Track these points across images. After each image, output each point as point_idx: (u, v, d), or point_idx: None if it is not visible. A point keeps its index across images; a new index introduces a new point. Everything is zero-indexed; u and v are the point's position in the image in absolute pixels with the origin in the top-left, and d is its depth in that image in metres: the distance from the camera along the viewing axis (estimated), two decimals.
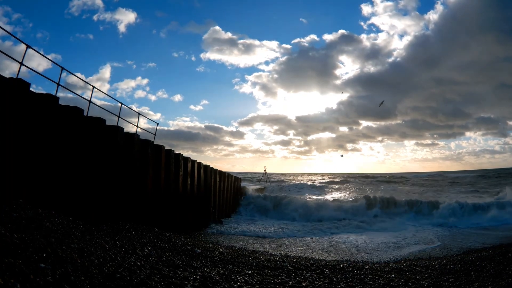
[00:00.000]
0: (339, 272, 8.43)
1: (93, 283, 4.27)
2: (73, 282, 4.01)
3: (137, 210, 12.11)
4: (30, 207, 7.16)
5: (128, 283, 4.74)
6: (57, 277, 3.96)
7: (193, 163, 17.10)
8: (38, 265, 4.09)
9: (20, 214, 6.24)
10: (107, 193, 10.78)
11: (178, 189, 15.30)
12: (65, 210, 8.54)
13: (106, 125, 11.19)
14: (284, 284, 6.88)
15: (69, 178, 9.49)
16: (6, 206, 6.54)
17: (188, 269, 6.82)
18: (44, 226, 6.10)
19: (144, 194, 12.76)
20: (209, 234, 16.98)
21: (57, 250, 4.89)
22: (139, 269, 5.75)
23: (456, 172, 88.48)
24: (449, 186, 46.55)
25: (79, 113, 10.12)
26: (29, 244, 4.67)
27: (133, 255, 6.91)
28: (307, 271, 8.33)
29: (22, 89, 8.37)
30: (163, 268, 6.35)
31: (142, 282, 4.95)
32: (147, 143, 13.17)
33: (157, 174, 13.62)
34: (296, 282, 7.10)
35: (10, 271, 3.64)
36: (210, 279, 6.28)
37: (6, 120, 7.88)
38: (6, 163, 7.82)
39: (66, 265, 4.45)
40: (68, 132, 9.59)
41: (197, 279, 6.08)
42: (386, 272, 8.33)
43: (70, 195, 9.38)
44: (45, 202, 8.14)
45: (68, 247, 5.31)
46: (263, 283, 6.71)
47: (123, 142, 11.81)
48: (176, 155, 15.18)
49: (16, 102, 8.14)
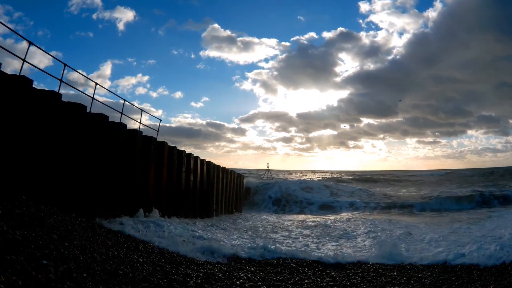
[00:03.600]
0: (341, 269, 8.41)
1: (95, 280, 4.28)
2: (75, 279, 4.01)
3: (140, 207, 12.12)
4: (33, 204, 7.18)
5: (130, 279, 4.75)
6: (59, 274, 3.96)
7: (196, 159, 17.08)
8: (40, 262, 4.09)
9: (23, 211, 6.26)
10: (109, 190, 10.80)
11: (181, 186, 15.31)
12: (67, 207, 8.56)
13: (109, 121, 11.19)
14: (286, 281, 6.87)
15: (72, 174, 9.50)
16: (8, 203, 6.56)
17: (190, 266, 6.83)
18: (47, 222, 6.11)
19: (146, 190, 12.77)
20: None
21: (59, 247, 4.90)
22: (141, 266, 5.76)
23: (465, 170, 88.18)
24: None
25: (82, 109, 10.12)
26: (31, 241, 4.68)
27: (135, 251, 6.92)
28: (310, 268, 8.32)
29: (25, 86, 8.37)
30: (166, 265, 6.36)
31: (144, 279, 4.95)
32: (150, 139, 13.16)
33: (159, 171, 13.62)
34: (298, 280, 7.09)
35: (12, 268, 3.64)
36: (213, 275, 6.28)
37: (9, 116, 7.89)
38: (9, 160, 7.84)
39: (69, 262, 4.45)
40: (71, 129, 9.60)
41: (199, 275, 6.08)
42: (388, 270, 8.30)
43: (73, 191, 9.40)
44: (47, 198, 8.15)
45: (71, 244, 5.32)
46: (265, 280, 6.71)
47: (126, 138, 11.80)
48: (179, 152, 15.16)
49: (19, 98, 8.14)
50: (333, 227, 16.59)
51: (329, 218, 21.08)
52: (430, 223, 17.26)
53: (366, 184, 50.36)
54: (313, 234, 14.54)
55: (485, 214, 20.47)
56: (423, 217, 21.66)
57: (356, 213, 24.08)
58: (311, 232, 14.94)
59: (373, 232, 14.21)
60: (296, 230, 15.75)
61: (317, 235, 14.27)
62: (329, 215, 23.84)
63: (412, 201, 28.73)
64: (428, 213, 24.45)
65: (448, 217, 20.86)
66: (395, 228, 14.88)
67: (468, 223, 16.16)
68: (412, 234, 13.12)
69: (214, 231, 13.00)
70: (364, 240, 12.83)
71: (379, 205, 27.90)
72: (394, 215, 22.73)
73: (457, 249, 9.65)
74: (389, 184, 52.69)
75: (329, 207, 28.28)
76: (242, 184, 27.30)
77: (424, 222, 17.81)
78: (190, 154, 16.41)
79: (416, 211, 25.72)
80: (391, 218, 19.84)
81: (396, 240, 12.02)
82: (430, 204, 27.42)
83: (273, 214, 24.42)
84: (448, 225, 15.61)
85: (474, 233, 12.05)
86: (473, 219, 18.37)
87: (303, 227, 16.58)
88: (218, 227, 14.73)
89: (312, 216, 23.31)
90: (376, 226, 15.69)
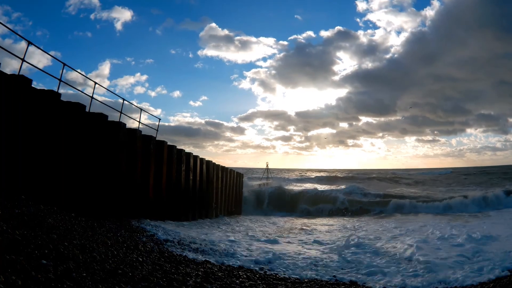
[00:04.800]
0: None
1: (94, 279, 4.27)
2: (74, 278, 4.01)
3: (139, 206, 12.12)
4: (32, 204, 7.17)
5: (130, 279, 4.74)
6: (59, 274, 3.96)
7: (195, 158, 17.07)
8: (40, 261, 4.09)
9: (22, 211, 6.26)
10: (109, 189, 10.79)
11: (181, 185, 15.31)
12: (67, 206, 8.56)
13: (108, 121, 11.18)
14: (286, 280, 6.89)
15: (72, 174, 9.50)
16: (8, 203, 6.55)
17: (190, 265, 6.83)
18: (46, 222, 6.11)
19: (146, 190, 12.77)
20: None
21: (59, 246, 4.90)
22: (141, 265, 5.75)
23: (467, 169, 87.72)
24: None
25: (81, 109, 10.11)
26: (31, 240, 4.68)
27: (135, 251, 6.92)
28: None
29: (24, 85, 8.36)
30: (165, 264, 6.36)
31: (144, 278, 4.95)
32: (150, 138, 13.16)
33: (159, 170, 13.62)
34: (298, 279, 7.11)
35: (11, 267, 3.64)
36: (212, 274, 6.28)
37: (9, 116, 7.87)
38: (8, 159, 7.84)
39: (68, 262, 4.45)
40: (71, 128, 9.59)
41: (199, 275, 6.08)
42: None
43: (72, 191, 9.40)
44: (47, 198, 8.15)
45: (70, 244, 5.32)
46: (265, 279, 6.71)
47: (126, 137, 11.80)
48: (178, 151, 15.16)
49: (18, 98, 8.13)
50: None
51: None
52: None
53: (396, 185, 45.95)
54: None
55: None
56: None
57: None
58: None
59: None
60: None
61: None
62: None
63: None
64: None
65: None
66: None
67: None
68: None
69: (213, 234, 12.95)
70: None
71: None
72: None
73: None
74: (405, 183, 48.70)
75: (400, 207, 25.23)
76: (242, 183, 27.27)
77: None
78: (190, 153, 16.41)
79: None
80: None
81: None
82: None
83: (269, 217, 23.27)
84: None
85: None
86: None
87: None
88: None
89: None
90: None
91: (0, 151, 7.68)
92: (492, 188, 30.44)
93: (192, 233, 11.31)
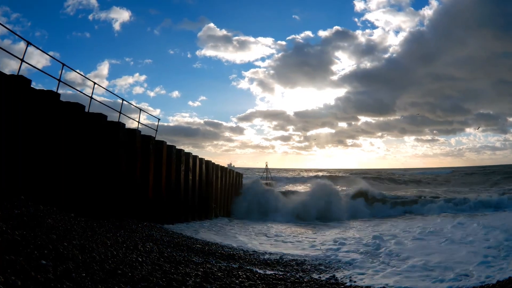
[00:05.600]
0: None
1: (94, 279, 4.27)
2: (74, 279, 4.01)
3: (138, 206, 12.13)
4: (32, 204, 7.17)
5: (129, 279, 4.74)
6: (58, 274, 3.96)
7: (195, 158, 17.08)
8: (39, 262, 4.09)
9: (22, 211, 6.25)
10: (108, 189, 10.79)
11: (180, 185, 15.31)
12: (67, 207, 8.56)
13: (107, 121, 11.18)
14: (286, 280, 6.89)
15: (71, 174, 9.50)
16: (7, 203, 6.55)
17: (189, 265, 6.83)
18: (46, 222, 6.11)
19: (146, 190, 12.77)
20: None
21: (58, 246, 4.90)
22: (140, 265, 5.75)
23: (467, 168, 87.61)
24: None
25: (80, 109, 10.11)
26: (30, 241, 4.68)
27: (134, 251, 6.92)
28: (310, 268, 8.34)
29: (24, 85, 8.36)
30: (165, 264, 6.36)
31: (143, 278, 4.95)
32: (149, 139, 13.17)
33: (158, 170, 13.62)
34: (297, 278, 7.12)
35: (11, 268, 3.64)
36: (212, 274, 6.29)
37: (8, 117, 7.87)
38: (8, 159, 7.83)
39: (67, 262, 4.45)
40: (70, 128, 9.59)
41: (198, 275, 6.08)
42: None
43: (72, 191, 9.39)
44: (47, 198, 8.15)
45: (70, 244, 5.32)
46: (264, 279, 6.72)
47: (125, 138, 11.80)
48: (177, 151, 15.17)
49: (18, 98, 8.12)
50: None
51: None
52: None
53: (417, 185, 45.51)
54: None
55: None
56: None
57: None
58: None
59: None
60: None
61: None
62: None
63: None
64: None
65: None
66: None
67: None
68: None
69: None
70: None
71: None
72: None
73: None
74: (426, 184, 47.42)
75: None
76: (241, 183, 27.25)
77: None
78: (189, 153, 16.42)
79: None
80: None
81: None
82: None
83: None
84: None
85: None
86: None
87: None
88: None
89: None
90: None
91: (0, 151, 7.67)
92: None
93: (187, 233, 11.34)
